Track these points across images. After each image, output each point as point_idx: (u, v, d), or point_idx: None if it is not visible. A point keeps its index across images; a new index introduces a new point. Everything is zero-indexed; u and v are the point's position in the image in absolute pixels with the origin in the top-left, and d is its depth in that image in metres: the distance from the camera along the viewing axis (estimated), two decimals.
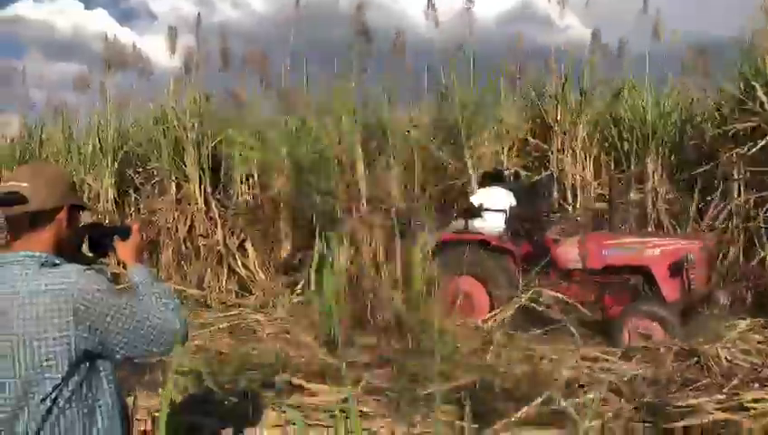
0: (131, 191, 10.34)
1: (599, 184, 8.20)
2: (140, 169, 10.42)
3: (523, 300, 5.68)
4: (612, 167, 8.25)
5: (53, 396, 1.49)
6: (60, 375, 1.50)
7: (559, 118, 8.16)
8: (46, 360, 1.49)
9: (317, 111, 7.80)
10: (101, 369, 1.60)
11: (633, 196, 7.78)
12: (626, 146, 8.13)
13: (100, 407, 1.58)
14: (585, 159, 8.20)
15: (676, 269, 5.46)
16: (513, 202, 6.43)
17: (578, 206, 8.18)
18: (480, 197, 6.60)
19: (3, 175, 11.17)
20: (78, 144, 11.15)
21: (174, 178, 9.13)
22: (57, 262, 1.59)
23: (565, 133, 8.30)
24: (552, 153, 8.25)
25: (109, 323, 1.54)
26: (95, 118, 11.03)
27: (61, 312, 1.49)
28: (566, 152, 8.18)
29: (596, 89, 8.50)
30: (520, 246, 6.29)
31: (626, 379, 4.37)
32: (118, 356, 1.60)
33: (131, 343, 1.58)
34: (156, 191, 10.13)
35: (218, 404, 3.65)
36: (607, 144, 8.39)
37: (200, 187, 8.97)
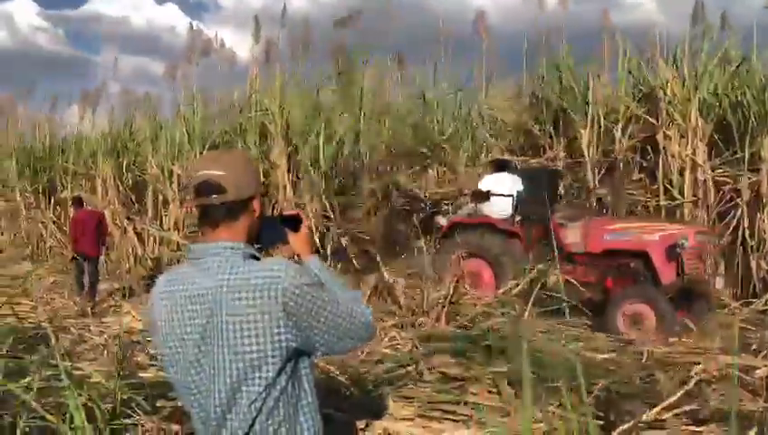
0: None
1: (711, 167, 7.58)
2: None
3: (526, 280, 5.88)
4: (724, 148, 7.64)
5: (264, 396, 1.40)
6: (271, 374, 1.40)
7: (671, 93, 7.56)
8: (257, 358, 1.38)
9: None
10: (303, 366, 1.48)
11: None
12: (741, 125, 7.49)
13: (302, 407, 1.47)
14: (694, 138, 7.60)
15: (672, 254, 5.61)
16: (520, 188, 6.64)
17: (684, 189, 7.63)
18: (488, 182, 6.90)
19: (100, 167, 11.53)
20: (166, 133, 11.40)
21: (261, 165, 9.16)
22: (256, 254, 1.50)
23: (674, 113, 7.69)
24: (662, 132, 7.66)
25: (314, 318, 1.43)
26: (181, 107, 11.31)
27: (270, 307, 1.38)
28: (675, 131, 7.58)
29: (709, 64, 7.83)
30: (527, 229, 6.51)
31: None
32: (318, 353, 1.49)
33: (332, 338, 1.47)
34: None
35: (349, 397, 3.53)
36: (721, 123, 7.72)
37: (288, 174, 9.00)
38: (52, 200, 13.24)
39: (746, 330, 5.56)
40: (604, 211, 7.50)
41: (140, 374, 4.72)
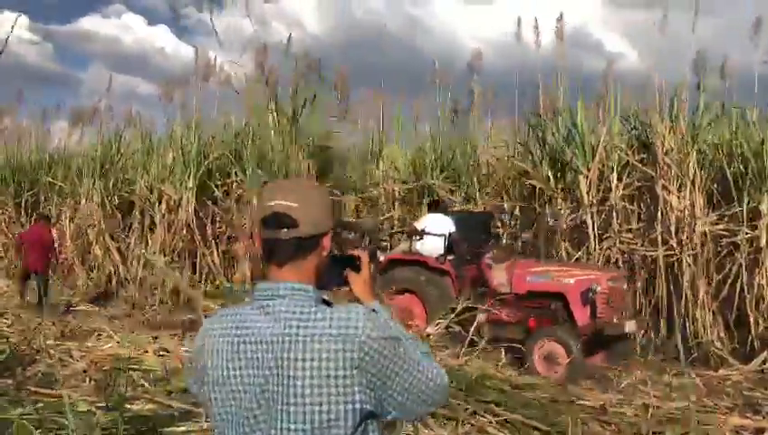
0: (209, 203, 10.32)
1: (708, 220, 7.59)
2: (219, 182, 10.42)
3: (453, 317, 6.16)
4: (723, 202, 7.67)
5: None
6: None
7: (667, 145, 7.61)
8: (327, 420, 1.22)
9: None
10: (371, 430, 1.30)
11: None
12: (739, 179, 7.54)
13: None
14: (693, 190, 7.62)
15: (586, 297, 5.95)
16: (453, 229, 6.98)
17: (683, 241, 7.63)
18: (423, 222, 7.33)
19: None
20: (158, 153, 11.23)
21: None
22: (327, 299, 1.35)
23: (670, 164, 7.73)
24: (657, 182, 7.67)
25: (390, 378, 1.26)
26: (177, 129, 11.16)
27: (345, 362, 1.22)
28: (672, 182, 7.61)
29: (705, 117, 7.91)
30: (458, 268, 6.84)
31: None
32: (389, 417, 1.31)
33: (408, 402, 1.29)
34: (234, 204, 10.14)
35: None
36: (720, 175, 7.76)
37: None
38: (34, 216, 12.90)
39: (747, 389, 5.49)
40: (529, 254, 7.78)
41: (127, 406, 4.50)
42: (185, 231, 10.12)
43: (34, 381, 4.97)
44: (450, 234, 6.92)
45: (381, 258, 7.41)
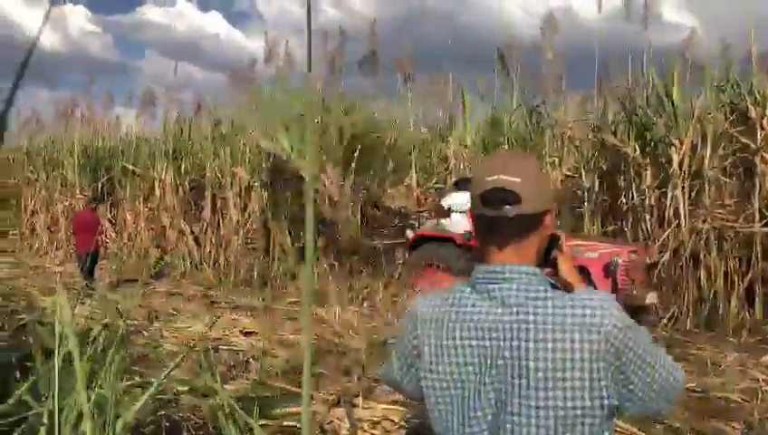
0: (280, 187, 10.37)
1: None
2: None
3: None
4: None
5: None
6: None
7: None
8: (573, 416, 1.09)
9: None
10: (606, 428, 1.16)
11: None
12: None
13: None
14: None
15: (607, 270, 6.14)
16: None
17: None
18: (449, 200, 7.52)
19: None
20: (228, 138, 11.33)
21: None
22: (556, 283, 1.22)
23: None
24: (756, 153, 7.18)
25: (633, 371, 1.12)
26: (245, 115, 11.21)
27: (591, 353, 1.09)
28: None
29: None
30: None
31: None
32: (626, 413, 1.18)
33: (648, 397, 1.15)
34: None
35: None
36: None
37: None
38: (110, 201, 13.32)
39: None
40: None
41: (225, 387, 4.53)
42: (258, 214, 10.22)
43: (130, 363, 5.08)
44: None
45: (410, 235, 7.78)
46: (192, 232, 11.29)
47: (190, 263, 10.97)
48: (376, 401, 3.69)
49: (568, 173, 7.98)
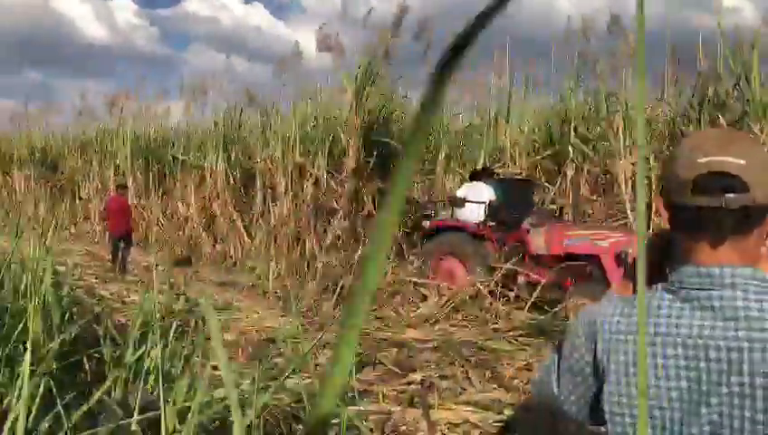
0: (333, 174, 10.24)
1: None
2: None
3: (494, 279, 6.63)
4: None
5: None
6: None
7: None
8: None
9: None
10: None
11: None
12: None
13: None
14: None
15: (619, 259, 6.08)
16: (493, 196, 7.37)
17: None
18: (464, 190, 7.71)
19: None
20: (279, 127, 11.25)
21: None
22: None
23: None
24: None
25: None
26: (299, 105, 11.14)
27: None
28: None
29: None
30: (498, 233, 7.22)
31: None
32: None
33: None
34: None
35: None
36: None
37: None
38: (161, 190, 13.45)
39: None
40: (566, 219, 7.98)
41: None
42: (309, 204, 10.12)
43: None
44: (490, 201, 7.33)
45: (426, 225, 7.91)
46: (243, 221, 11.27)
47: (241, 252, 10.94)
48: (451, 402, 3.48)
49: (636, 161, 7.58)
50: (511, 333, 5.71)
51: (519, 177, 8.47)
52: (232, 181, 11.76)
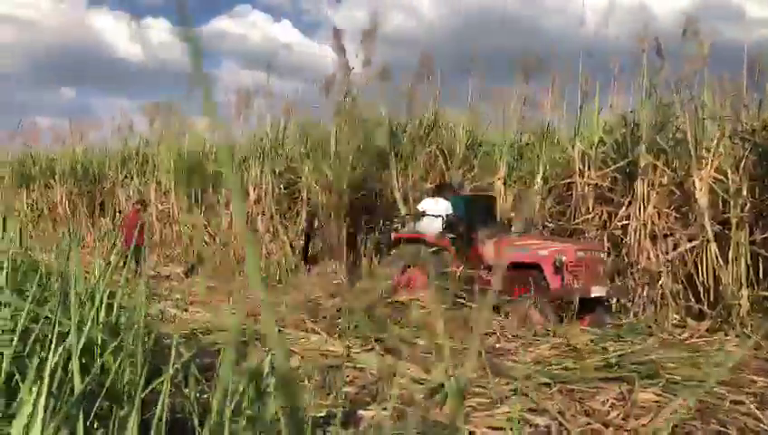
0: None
1: None
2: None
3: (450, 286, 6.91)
4: None
5: None
6: None
7: None
8: None
9: None
10: None
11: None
12: None
13: None
14: None
15: (557, 267, 6.75)
16: (450, 211, 7.96)
17: None
18: (424, 204, 8.29)
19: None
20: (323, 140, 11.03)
21: None
22: None
23: None
24: None
25: None
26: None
27: None
28: None
29: None
30: (456, 244, 7.74)
31: None
32: None
33: None
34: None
35: None
36: None
37: None
38: (203, 204, 13.28)
39: None
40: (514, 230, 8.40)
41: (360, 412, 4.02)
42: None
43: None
44: (448, 215, 7.89)
45: (392, 237, 8.49)
46: (288, 236, 11.01)
47: (287, 269, 10.66)
48: None
49: (716, 175, 7.05)
50: None
51: (482, 193, 9.17)
52: (276, 196, 11.53)
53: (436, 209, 7.99)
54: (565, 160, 8.63)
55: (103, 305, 2.22)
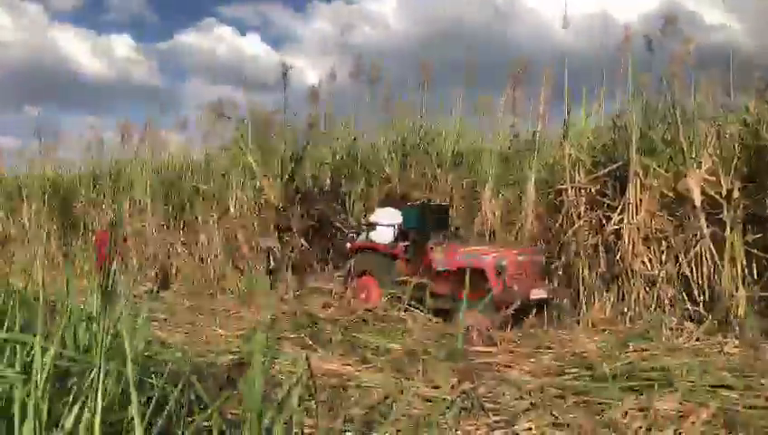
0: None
1: None
2: None
3: (401, 292, 7.42)
4: None
5: None
6: None
7: None
8: None
9: None
10: None
11: None
12: None
13: None
14: None
15: (497, 272, 7.12)
16: (400, 220, 8.45)
17: None
18: (375, 215, 8.75)
19: None
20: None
21: None
22: None
23: None
24: None
25: None
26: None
27: None
28: None
29: None
30: (406, 252, 8.18)
31: None
32: None
33: None
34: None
35: None
36: None
37: None
38: (182, 222, 12.89)
39: None
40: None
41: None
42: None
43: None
44: (398, 224, 8.38)
45: (347, 247, 8.96)
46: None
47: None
48: None
49: (707, 176, 6.99)
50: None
51: (435, 203, 9.39)
52: (257, 211, 11.23)
53: (386, 219, 8.46)
54: (555, 167, 8.52)
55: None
